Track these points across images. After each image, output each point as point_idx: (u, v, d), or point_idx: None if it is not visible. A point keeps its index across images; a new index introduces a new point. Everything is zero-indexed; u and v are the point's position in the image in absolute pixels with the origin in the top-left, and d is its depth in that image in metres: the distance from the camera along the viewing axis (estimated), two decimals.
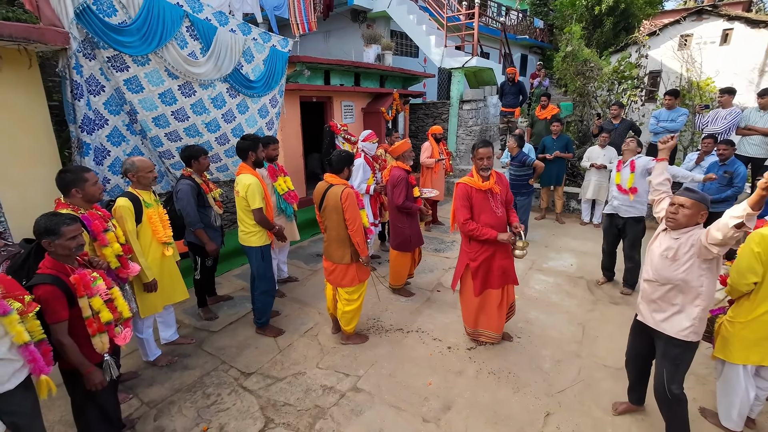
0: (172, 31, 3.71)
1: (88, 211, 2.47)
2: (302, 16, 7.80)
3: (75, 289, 1.95)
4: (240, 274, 4.84)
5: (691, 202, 2.13)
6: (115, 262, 2.55)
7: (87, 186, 2.43)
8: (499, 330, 3.36)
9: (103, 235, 2.49)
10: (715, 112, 5.60)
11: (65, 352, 1.92)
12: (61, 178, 2.41)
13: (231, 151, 4.74)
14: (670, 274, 2.18)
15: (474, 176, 3.15)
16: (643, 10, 13.54)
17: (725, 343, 2.41)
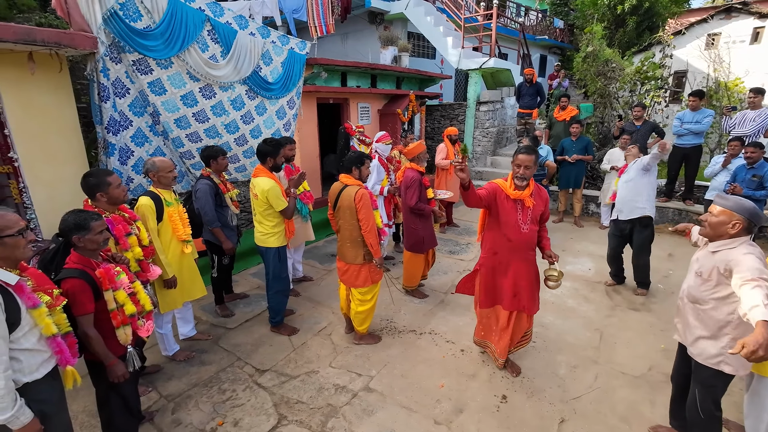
0: (194, 34, 3.82)
1: (112, 214, 2.56)
2: (320, 18, 7.89)
3: (101, 282, 2.02)
4: (256, 273, 4.93)
5: (719, 210, 2.02)
6: (135, 267, 2.63)
7: (111, 189, 2.51)
8: (502, 354, 3.01)
9: (125, 239, 2.57)
10: (743, 113, 5.41)
11: (91, 344, 2.00)
12: (86, 183, 2.49)
13: (249, 152, 4.84)
14: (699, 293, 2.06)
15: (509, 180, 2.78)
16: (669, 9, 13.15)
17: None
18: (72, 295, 1.93)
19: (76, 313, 1.95)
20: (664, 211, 6.25)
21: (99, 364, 2.10)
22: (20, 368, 1.68)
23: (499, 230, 2.81)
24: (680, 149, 5.91)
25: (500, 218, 2.78)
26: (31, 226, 3.15)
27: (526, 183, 2.71)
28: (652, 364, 3.18)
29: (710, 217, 2.05)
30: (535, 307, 2.95)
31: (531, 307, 2.92)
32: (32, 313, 1.70)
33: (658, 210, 6.29)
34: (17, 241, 1.70)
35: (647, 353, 3.33)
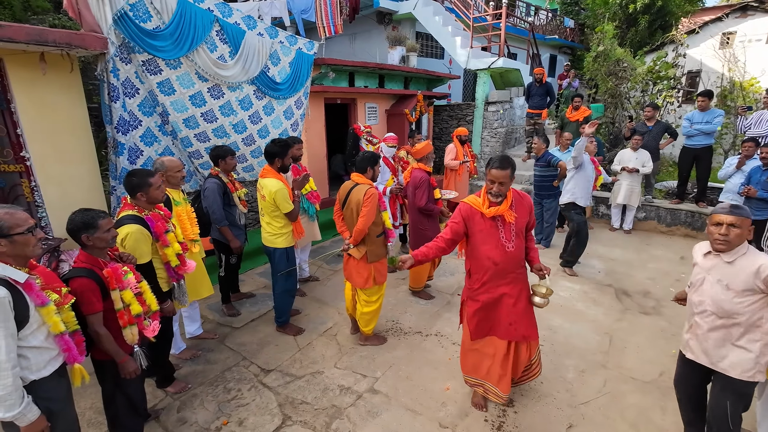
0: (202, 35, 3.84)
1: (151, 212, 2.60)
2: (329, 19, 7.91)
3: (108, 282, 2.04)
4: (263, 273, 4.94)
5: (741, 220, 1.93)
6: (175, 261, 2.68)
7: (151, 190, 2.55)
8: (505, 389, 2.57)
9: (164, 236, 2.62)
10: (759, 113, 5.29)
11: (101, 342, 2.02)
12: (129, 182, 2.53)
13: (257, 152, 4.86)
14: (733, 307, 1.96)
15: (482, 196, 2.46)
16: (682, 8, 12.95)
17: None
18: (80, 294, 1.94)
19: (86, 311, 1.97)
20: (676, 213, 6.15)
21: (105, 362, 2.12)
22: (28, 366, 1.70)
23: (481, 255, 2.46)
24: (690, 150, 5.79)
25: (479, 242, 2.45)
26: (41, 225, 3.19)
27: (501, 198, 2.39)
28: (663, 370, 3.12)
29: (734, 229, 1.94)
30: (534, 334, 2.59)
31: (530, 335, 2.56)
32: (40, 311, 1.72)
33: (671, 212, 6.19)
34: (27, 239, 1.72)
35: (658, 358, 3.27)
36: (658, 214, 6.28)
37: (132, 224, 2.43)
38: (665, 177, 7.97)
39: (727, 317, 1.99)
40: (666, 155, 9.49)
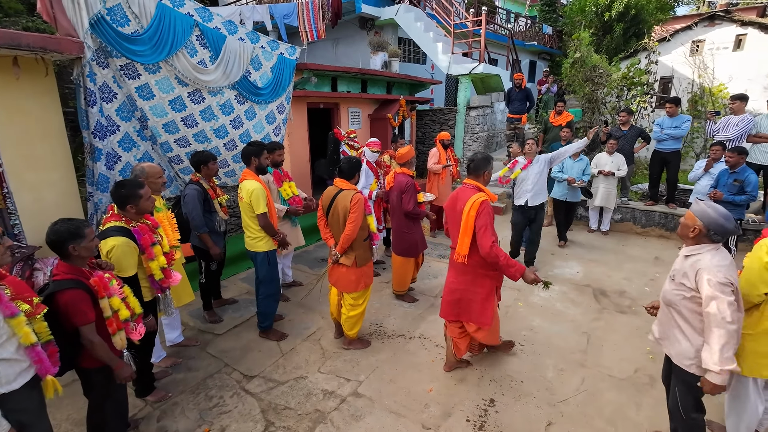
0: (182, 39, 3.82)
1: (139, 224, 2.56)
2: (311, 24, 7.93)
3: (96, 291, 2.01)
4: (245, 278, 4.90)
5: (688, 213, 2.09)
6: (159, 275, 2.65)
7: (141, 202, 2.52)
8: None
9: (151, 249, 2.58)
10: (727, 118, 5.53)
11: (95, 351, 2.00)
12: (118, 193, 2.48)
13: (238, 157, 4.82)
14: (672, 297, 2.11)
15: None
16: (654, 16, 13.41)
17: (735, 355, 2.35)
18: (73, 306, 1.92)
19: (80, 322, 1.94)
20: (650, 215, 6.35)
21: (93, 371, 2.11)
22: None
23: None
24: (660, 154, 6.03)
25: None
26: (14, 232, 3.10)
27: None
28: (637, 367, 3.22)
29: (682, 223, 2.11)
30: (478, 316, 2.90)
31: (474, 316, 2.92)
32: (10, 323, 1.68)
33: (645, 213, 6.39)
34: None
35: (633, 356, 3.37)
36: (633, 216, 6.48)
37: (118, 236, 2.40)
38: (640, 180, 8.22)
39: (669, 305, 2.15)
40: (640, 159, 9.79)
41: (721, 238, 1.97)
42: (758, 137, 5.27)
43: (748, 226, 5.37)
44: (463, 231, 2.71)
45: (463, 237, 2.71)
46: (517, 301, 4.29)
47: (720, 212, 1.97)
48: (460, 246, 2.75)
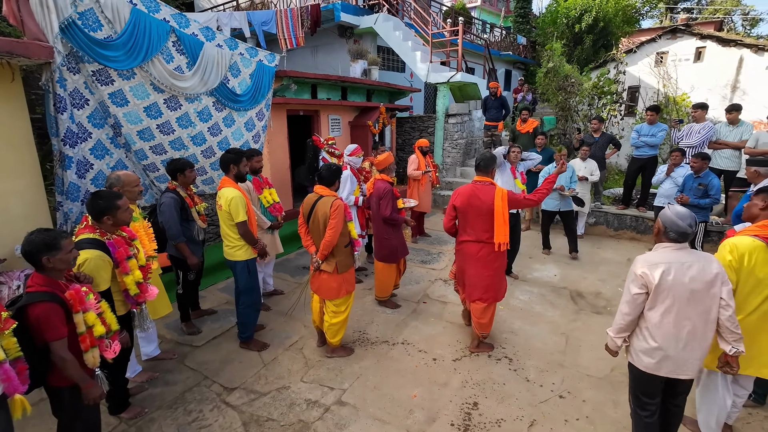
0: (158, 45, 3.75)
1: (114, 236, 2.47)
2: (290, 31, 7.93)
3: (71, 305, 1.93)
4: (224, 288, 4.79)
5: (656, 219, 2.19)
6: (134, 290, 2.55)
7: (119, 213, 2.44)
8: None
9: (126, 263, 2.49)
10: (689, 126, 5.82)
11: (66, 368, 1.90)
12: (95, 204, 2.38)
13: (217, 164, 4.74)
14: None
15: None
16: (621, 28, 14.06)
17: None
18: (45, 320, 1.83)
19: (51, 338, 1.85)
20: (622, 218, 6.59)
21: (63, 390, 2.00)
22: None
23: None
24: (638, 160, 6.25)
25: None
26: None
27: None
28: (614, 365, 3.32)
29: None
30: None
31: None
32: None
33: (618, 217, 6.63)
34: None
35: (609, 355, 3.46)
36: (606, 220, 6.71)
37: (91, 249, 2.31)
38: (612, 184, 8.54)
39: None
40: (612, 164, 10.17)
41: (677, 236, 2.04)
42: (718, 144, 5.57)
43: (713, 228, 5.64)
44: (500, 221, 3.10)
45: (502, 226, 3.11)
46: (498, 305, 4.35)
47: (677, 213, 2.06)
48: (498, 235, 3.12)
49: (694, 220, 2.05)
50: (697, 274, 1.97)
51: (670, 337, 2.04)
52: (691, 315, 2.00)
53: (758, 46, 10.16)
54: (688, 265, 1.99)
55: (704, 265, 1.99)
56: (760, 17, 21.69)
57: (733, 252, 2.25)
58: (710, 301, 1.99)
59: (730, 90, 10.54)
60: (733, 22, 21.22)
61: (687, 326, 2.02)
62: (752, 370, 2.36)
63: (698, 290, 1.97)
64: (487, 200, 3.13)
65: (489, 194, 3.13)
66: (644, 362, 2.13)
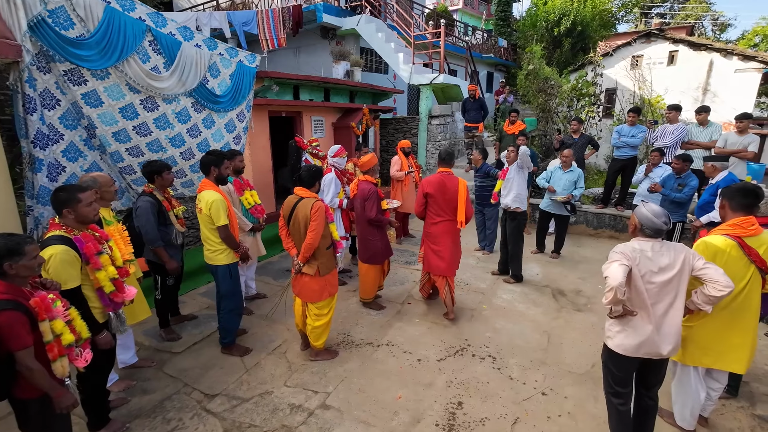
0: (133, 45, 3.65)
1: (81, 232, 2.37)
2: (271, 32, 7.85)
3: (36, 313, 1.85)
4: (205, 292, 4.70)
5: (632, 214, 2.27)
6: (109, 286, 2.45)
7: (80, 207, 2.34)
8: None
9: (96, 258, 2.39)
10: (663, 127, 6.00)
11: (33, 378, 1.82)
12: (56, 198, 2.32)
13: (196, 167, 4.64)
14: None
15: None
16: (598, 32, 14.43)
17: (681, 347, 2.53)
18: (8, 329, 1.74)
19: (16, 347, 1.76)
20: (601, 217, 6.74)
21: (31, 402, 1.92)
22: None
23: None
24: (619, 161, 6.39)
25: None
26: None
27: None
28: (594, 362, 3.38)
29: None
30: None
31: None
32: None
33: (597, 216, 6.77)
34: None
35: (590, 351, 3.55)
36: (586, 219, 6.85)
37: (56, 245, 2.23)
38: (591, 184, 8.73)
39: None
40: (591, 164, 10.41)
41: (652, 232, 2.13)
42: (690, 144, 5.76)
43: (687, 226, 5.82)
44: (462, 204, 3.86)
45: (463, 208, 3.86)
46: (482, 304, 4.40)
47: (651, 210, 2.14)
48: (461, 215, 3.86)
49: (668, 216, 2.14)
50: (669, 261, 2.09)
51: (645, 320, 2.12)
52: (662, 299, 2.11)
53: (727, 50, 10.57)
54: (661, 254, 2.10)
55: (675, 252, 2.11)
56: (728, 22, 22.58)
57: (706, 251, 2.32)
58: (680, 285, 2.10)
59: (702, 92, 10.93)
60: (703, 27, 22.03)
61: (660, 309, 2.11)
62: (723, 365, 2.45)
63: (669, 275, 2.08)
64: (453, 187, 3.84)
65: (454, 183, 3.86)
66: (620, 344, 2.20)
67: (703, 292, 2.13)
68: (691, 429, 2.60)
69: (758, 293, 2.37)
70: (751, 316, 2.37)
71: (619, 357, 2.22)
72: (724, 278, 2.04)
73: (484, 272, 5.28)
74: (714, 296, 2.07)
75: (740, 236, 2.31)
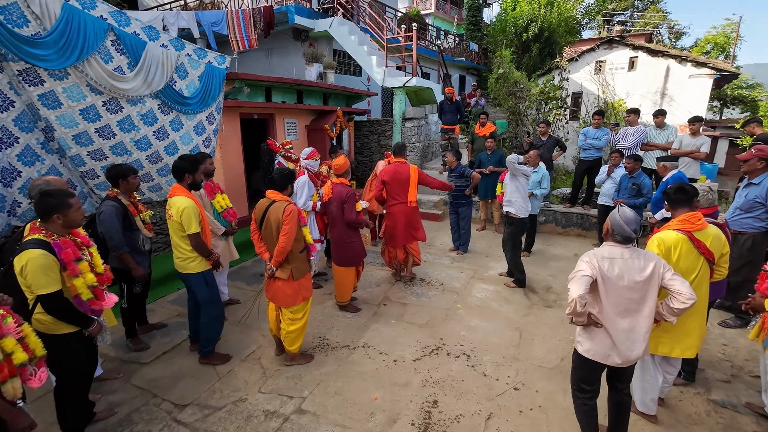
0: (94, 44, 3.52)
1: (61, 237, 2.27)
2: (242, 33, 7.72)
3: None
4: (176, 299, 4.55)
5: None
6: (87, 294, 2.35)
7: (71, 212, 2.25)
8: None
9: (74, 264, 2.28)
10: (625, 129, 6.30)
11: None
12: (44, 203, 2.21)
13: (164, 170, 4.52)
14: None
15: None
16: (564, 38, 14.96)
17: None
18: None
19: None
20: (569, 216, 6.99)
21: None
22: None
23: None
24: (585, 162, 6.65)
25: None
26: None
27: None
28: (563, 355, 3.50)
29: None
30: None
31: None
32: None
33: (565, 215, 7.01)
34: None
35: (559, 345, 3.67)
36: (555, 218, 7.08)
37: (33, 249, 2.12)
38: (560, 185, 9.03)
39: None
40: (559, 165, 10.77)
41: (621, 239, 2.20)
42: (649, 146, 6.07)
43: (644, 223, 6.12)
44: (413, 188, 4.74)
45: (414, 190, 4.74)
46: (456, 303, 4.47)
47: (625, 217, 2.19)
48: (411, 196, 4.72)
49: (639, 224, 2.20)
50: (640, 268, 2.13)
51: (614, 327, 2.17)
52: (631, 306, 2.15)
53: (682, 57, 11.20)
54: (631, 261, 2.14)
55: (644, 261, 2.15)
56: (683, 31, 23.91)
57: (661, 246, 2.46)
58: (648, 293, 2.14)
59: (660, 96, 11.52)
60: (660, 35, 23.23)
61: (629, 316, 2.16)
62: (677, 351, 2.60)
63: (639, 282, 2.12)
64: (405, 173, 4.70)
65: (406, 170, 4.73)
66: (589, 349, 2.27)
67: (667, 304, 2.18)
68: (653, 413, 2.74)
69: (707, 283, 2.56)
70: (702, 304, 2.54)
71: (588, 361, 2.29)
72: (688, 290, 2.09)
73: (458, 272, 5.36)
74: (678, 308, 2.13)
75: (689, 231, 2.46)
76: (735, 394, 3.03)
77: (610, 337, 2.18)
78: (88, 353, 2.51)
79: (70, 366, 2.38)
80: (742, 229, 3.74)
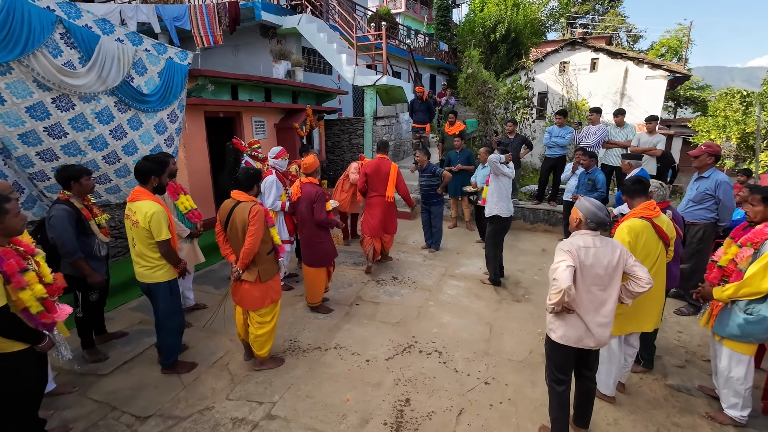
0: (41, 37, 3.28)
1: (1, 248, 2.08)
2: (206, 28, 7.48)
3: None
4: (137, 306, 4.35)
5: (573, 209, 2.41)
6: (36, 307, 2.17)
7: (7, 219, 2.07)
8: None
9: (18, 276, 2.09)
10: (587, 128, 6.54)
11: None
12: None
13: (123, 171, 4.30)
14: None
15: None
16: (530, 39, 15.40)
17: None
18: None
19: None
20: (536, 213, 7.19)
21: None
22: None
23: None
24: (550, 159, 6.85)
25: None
26: None
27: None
28: (532, 348, 3.59)
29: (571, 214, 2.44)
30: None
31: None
32: None
33: (533, 211, 7.20)
34: None
35: (527, 339, 3.76)
36: (523, 214, 7.27)
37: None
38: (527, 182, 9.28)
39: None
40: (527, 163, 11.07)
41: (596, 225, 2.31)
42: (610, 143, 6.33)
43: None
44: (392, 184, 5.14)
45: (392, 186, 5.14)
46: (428, 301, 4.50)
47: (595, 204, 2.33)
48: (389, 191, 5.12)
49: (606, 210, 2.35)
50: (609, 255, 2.25)
51: (585, 311, 2.27)
52: (601, 291, 2.27)
53: (639, 59, 11.76)
54: (602, 249, 2.26)
55: (612, 249, 2.28)
56: (640, 34, 25.11)
57: (630, 233, 2.60)
58: (615, 278, 2.27)
59: (620, 96, 12.06)
60: (620, 38, 24.32)
61: (598, 300, 2.27)
62: (635, 327, 2.78)
63: (607, 268, 2.25)
64: (385, 169, 5.11)
65: (387, 166, 5.13)
66: (562, 335, 2.34)
67: (626, 287, 2.33)
68: (612, 395, 2.87)
69: (665, 264, 2.79)
70: (660, 283, 2.76)
71: (561, 347, 2.36)
72: (646, 276, 2.26)
73: (430, 269, 5.40)
74: (636, 292, 2.29)
75: (650, 217, 2.64)
76: (689, 378, 3.21)
77: (583, 322, 2.27)
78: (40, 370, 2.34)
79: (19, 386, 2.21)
80: (694, 220, 3.97)
